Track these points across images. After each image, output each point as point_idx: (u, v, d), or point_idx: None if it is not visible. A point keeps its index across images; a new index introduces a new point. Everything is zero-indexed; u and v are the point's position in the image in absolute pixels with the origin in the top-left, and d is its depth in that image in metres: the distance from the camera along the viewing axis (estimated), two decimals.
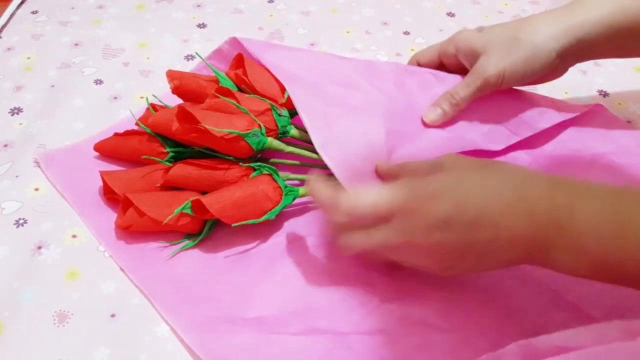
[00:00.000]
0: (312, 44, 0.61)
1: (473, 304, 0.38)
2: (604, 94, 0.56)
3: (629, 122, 0.52)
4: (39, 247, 0.41)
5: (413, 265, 0.36)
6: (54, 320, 0.37)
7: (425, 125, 0.46)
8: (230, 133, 0.40)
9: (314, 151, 0.44)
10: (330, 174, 0.41)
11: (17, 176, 0.46)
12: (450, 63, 0.48)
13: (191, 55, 0.59)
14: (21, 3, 0.65)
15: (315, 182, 0.36)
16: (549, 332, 0.36)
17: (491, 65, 0.44)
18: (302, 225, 0.43)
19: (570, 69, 0.47)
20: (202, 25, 0.63)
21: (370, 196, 0.34)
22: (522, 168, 0.35)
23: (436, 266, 0.35)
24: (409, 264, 0.36)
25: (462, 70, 0.47)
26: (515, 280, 0.40)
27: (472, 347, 0.36)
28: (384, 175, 0.41)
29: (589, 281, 0.32)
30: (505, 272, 0.40)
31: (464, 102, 0.45)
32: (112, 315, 0.38)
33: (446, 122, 0.46)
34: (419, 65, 0.49)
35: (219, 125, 0.40)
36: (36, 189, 0.45)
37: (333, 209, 0.35)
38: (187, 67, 0.57)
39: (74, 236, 0.42)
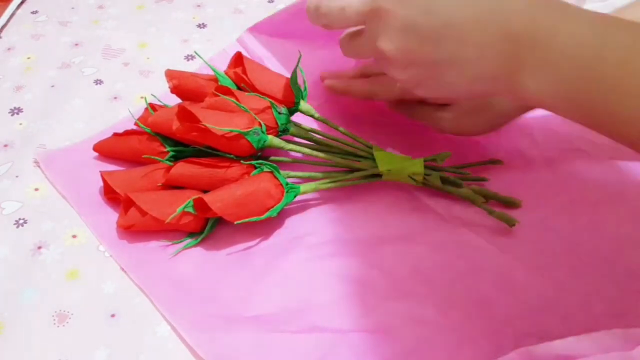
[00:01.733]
0: None
1: (474, 302, 0.39)
2: None
3: None
4: (39, 247, 0.41)
5: (392, 76, 0.35)
6: (54, 320, 0.37)
7: None
8: (231, 131, 0.41)
9: (315, 149, 0.45)
10: (331, 171, 0.42)
11: (17, 176, 0.46)
12: None
13: (191, 56, 0.59)
14: (21, 3, 0.65)
15: None
16: (550, 332, 0.36)
17: None
18: (303, 223, 0.44)
19: None
20: (202, 25, 0.63)
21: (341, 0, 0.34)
22: None
23: (403, 81, 0.34)
24: (389, 74, 0.35)
25: None
26: (516, 279, 0.40)
27: (473, 345, 0.36)
28: None
29: (590, 276, 0.31)
30: (505, 271, 0.41)
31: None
32: (112, 315, 0.38)
33: None
34: None
35: (219, 124, 0.41)
36: (36, 189, 0.45)
37: (312, 12, 0.36)
38: (187, 67, 0.57)
39: (74, 236, 0.42)
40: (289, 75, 0.45)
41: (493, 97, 0.40)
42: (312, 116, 0.46)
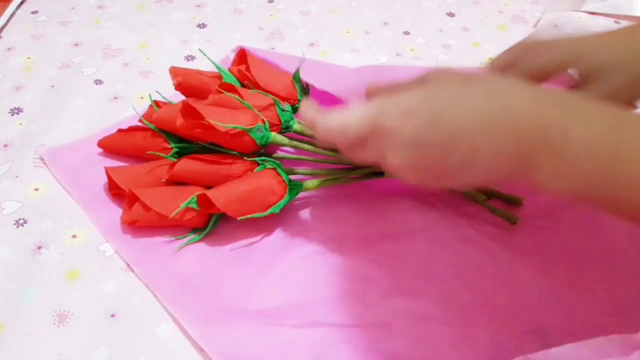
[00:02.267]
0: (312, 44, 0.61)
1: (474, 299, 0.39)
2: None
3: None
4: (39, 247, 0.41)
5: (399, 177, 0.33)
6: (54, 320, 0.37)
7: None
8: (235, 128, 0.41)
9: (318, 146, 0.45)
10: (333, 168, 0.42)
11: (17, 176, 0.46)
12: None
13: (191, 56, 0.59)
14: (21, 3, 0.65)
15: (302, 102, 0.35)
16: (550, 330, 0.36)
17: None
18: (305, 220, 0.44)
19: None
20: (202, 25, 0.63)
21: (339, 119, 0.32)
22: (515, 81, 0.30)
23: (418, 182, 0.32)
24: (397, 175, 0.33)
25: None
26: (517, 277, 0.40)
27: (473, 341, 0.36)
28: (370, 96, 0.37)
29: (592, 277, 0.31)
30: (506, 269, 0.40)
31: None
32: (112, 315, 0.37)
33: None
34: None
35: (223, 121, 0.41)
36: (36, 189, 0.45)
37: (310, 127, 0.34)
38: (187, 67, 0.57)
39: (74, 236, 0.42)
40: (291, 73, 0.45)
41: None
42: None
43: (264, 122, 0.42)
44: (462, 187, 0.36)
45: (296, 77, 0.45)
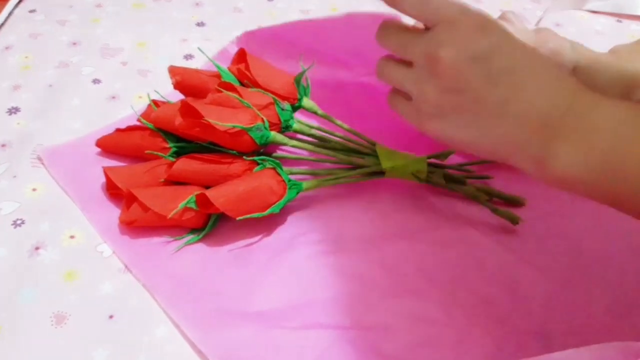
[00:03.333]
0: None
1: (475, 300, 0.38)
2: None
3: None
4: (37, 248, 0.41)
5: (425, 92, 0.33)
6: (52, 321, 0.37)
7: None
8: (234, 127, 0.40)
9: (317, 145, 0.45)
10: (333, 168, 0.41)
11: (14, 176, 0.46)
12: None
13: (190, 55, 0.59)
14: (19, 2, 0.64)
15: None
16: (552, 331, 0.36)
17: None
18: (305, 220, 0.43)
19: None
20: (201, 24, 0.63)
21: None
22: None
23: (442, 98, 0.32)
24: (423, 90, 0.33)
25: None
26: (519, 278, 0.40)
27: (474, 343, 0.36)
28: None
29: (593, 274, 0.31)
30: (508, 270, 0.40)
31: None
32: (111, 317, 0.37)
33: None
34: None
35: (222, 120, 0.40)
36: (34, 189, 0.45)
37: None
38: (186, 66, 0.56)
39: (71, 237, 0.42)
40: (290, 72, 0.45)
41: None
42: (315, 113, 0.46)
43: (263, 121, 0.42)
44: (463, 145, 0.35)
45: (297, 78, 0.45)
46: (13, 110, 0.51)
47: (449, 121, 0.32)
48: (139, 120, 0.45)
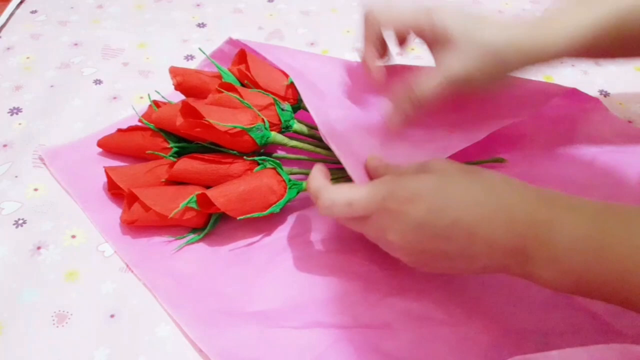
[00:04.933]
0: (312, 44, 0.61)
1: (476, 299, 0.38)
2: (605, 94, 0.56)
3: (629, 122, 0.52)
4: (38, 248, 0.41)
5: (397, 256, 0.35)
6: (54, 320, 0.37)
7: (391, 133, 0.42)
8: (235, 127, 0.41)
9: (317, 145, 0.45)
10: (333, 168, 0.41)
11: (16, 176, 0.46)
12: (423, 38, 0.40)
13: (191, 55, 0.59)
14: (20, 2, 0.65)
15: (314, 169, 0.37)
16: (551, 331, 0.36)
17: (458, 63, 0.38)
18: (305, 220, 0.43)
19: (571, 69, 0.46)
20: (201, 25, 0.63)
21: (347, 194, 0.34)
22: (508, 178, 0.33)
23: (412, 264, 0.34)
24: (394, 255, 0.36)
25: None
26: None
27: (474, 341, 0.36)
28: (371, 171, 0.40)
29: None
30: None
31: (426, 104, 0.40)
32: (112, 316, 0.37)
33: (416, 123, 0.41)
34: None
35: (223, 120, 0.41)
36: (35, 189, 0.45)
37: (316, 201, 0.35)
38: (187, 66, 0.56)
39: (73, 236, 0.42)
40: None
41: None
42: None
43: (263, 121, 0.42)
44: (458, 275, 0.39)
45: (291, 81, 0.45)
46: (15, 111, 0.52)
47: (432, 268, 0.34)
48: (140, 120, 0.46)
